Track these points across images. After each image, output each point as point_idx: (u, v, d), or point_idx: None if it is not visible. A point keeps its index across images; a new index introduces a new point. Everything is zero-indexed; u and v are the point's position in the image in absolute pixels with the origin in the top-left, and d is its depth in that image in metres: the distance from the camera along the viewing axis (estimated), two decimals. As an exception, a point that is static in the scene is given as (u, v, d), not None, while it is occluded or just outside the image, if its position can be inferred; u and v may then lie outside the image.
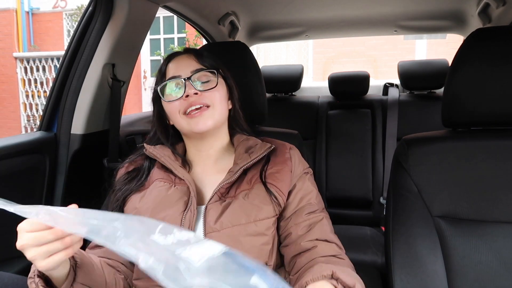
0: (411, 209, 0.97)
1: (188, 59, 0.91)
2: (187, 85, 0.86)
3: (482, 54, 0.96)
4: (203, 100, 0.86)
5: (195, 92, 0.85)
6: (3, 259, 1.15)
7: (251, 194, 0.83)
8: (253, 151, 0.89)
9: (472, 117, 0.99)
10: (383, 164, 2.21)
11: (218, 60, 0.95)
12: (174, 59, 0.92)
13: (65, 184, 1.30)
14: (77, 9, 8.18)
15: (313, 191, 0.91)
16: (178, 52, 0.95)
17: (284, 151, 0.92)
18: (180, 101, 0.86)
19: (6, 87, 8.47)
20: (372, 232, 1.99)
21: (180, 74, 0.88)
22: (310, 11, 1.92)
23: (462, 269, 0.90)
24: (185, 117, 0.86)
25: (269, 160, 0.90)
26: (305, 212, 0.86)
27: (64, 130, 1.31)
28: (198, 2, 1.66)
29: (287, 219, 0.87)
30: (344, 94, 2.42)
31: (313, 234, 0.84)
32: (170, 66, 0.91)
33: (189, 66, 0.89)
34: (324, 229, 0.85)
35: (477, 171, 0.95)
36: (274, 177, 0.86)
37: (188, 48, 0.97)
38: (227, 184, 0.84)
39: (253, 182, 0.86)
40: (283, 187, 0.86)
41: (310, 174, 0.95)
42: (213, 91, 0.87)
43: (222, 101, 0.90)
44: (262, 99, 1.21)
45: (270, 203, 0.83)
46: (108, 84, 1.37)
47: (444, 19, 2.05)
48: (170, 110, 0.89)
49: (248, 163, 0.86)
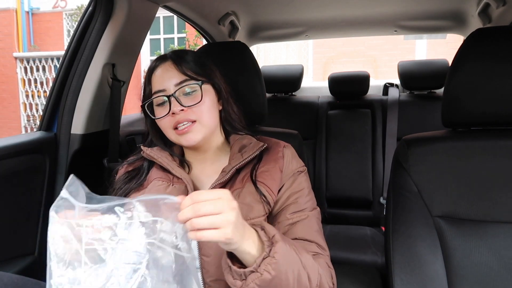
0: (411, 209, 0.96)
1: (170, 68, 0.89)
2: (172, 101, 0.86)
3: (482, 54, 0.96)
4: (189, 116, 0.86)
5: (181, 109, 0.85)
6: (3, 259, 1.15)
7: (242, 193, 0.84)
8: (246, 150, 0.89)
9: (472, 117, 0.99)
10: (383, 164, 2.21)
11: (204, 60, 0.93)
12: (158, 69, 0.91)
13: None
14: (77, 9, 8.18)
15: (302, 190, 0.90)
16: (160, 58, 0.92)
17: (277, 150, 0.92)
18: (168, 117, 0.86)
19: (6, 87, 8.46)
20: (372, 232, 1.99)
21: (164, 88, 0.87)
22: (310, 11, 1.92)
23: (462, 269, 0.90)
24: (174, 132, 0.87)
25: (261, 159, 0.90)
26: (289, 212, 0.86)
27: (64, 130, 1.31)
28: (198, 2, 1.66)
29: (274, 217, 0.87)
30: (344, 94, 2.42)
31: (293, 234, 0.84)
32: (154, 77, 0.90)
33: (172, 78, 0.88)
34: (306, 229, 0.85)
35: (477, 171, 0.95)
36: (264, 176, 0.87)
37: (171, 53, 0.94)
38: (220, 184, 0.84)
39: (244, 181, 0.86)
40: (273, 186, 0.86)
41: (304, 173, 0.94)
42: (199, 105, 0.86)
43: (209, 111, 0.89)
44: (262, 99, 1.21)
45: (260, 202, 0.83)
46: (108, 84, 1.37)
47: (444, 19, 2.05)
48: (160, 125, 0.90)
49: (240, 163, 0.86)
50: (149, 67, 0.93)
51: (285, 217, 0.85)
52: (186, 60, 0.90)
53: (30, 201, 1.23)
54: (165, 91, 0.87)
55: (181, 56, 0.91)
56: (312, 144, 2.33)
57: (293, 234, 0.84)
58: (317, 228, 0.87)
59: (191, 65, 0.89)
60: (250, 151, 0.89)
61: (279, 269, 0.66)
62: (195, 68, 0.90)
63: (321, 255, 0.83)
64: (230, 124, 0.96)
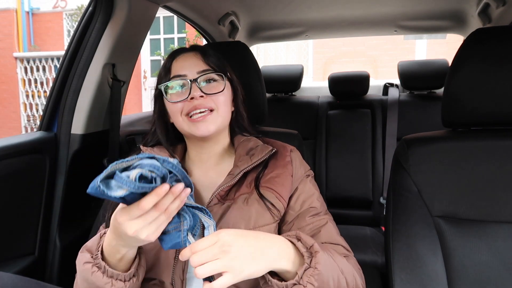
0: (411, 209, 0.96)
1: (194, 57, 0.88)
2: (192, 86, 0.83)
3: (482, 54, 0.96)
4: (208, 104, 0.84)
5: (201, 95, 0.83)
6: (3, 259, 1.15)
7: (251, 199, 0.82)
8: (254, 153, 0.88)
9: (472, 117, 0.99)
10: (383, 164, 2.21)
11: (224, 60, 0.92)
12: (180, 57, 0.89)
13: (65, 184, 1.30)
14: (77, 9, 8.18)
15: (314, 194, 0.89)
16: (184, 49, 0.92)
17: (285, 154, 0.91)
18: (185, 102, 0.84)
19: (6, 87, 8.47)
20: (372, 232, 1.99)
21: (186, 74, 0.85)
22: (310, 11, 1.92)
23: (462, 269, 0.90)
24: (186, 119, 0.85)
25: (266, 165, 0.88)
26: (308, 215, 0.85)
27: (64, 130, 1.31)
28: (198, 2, 1.66)
29: (289, 223, 0.85)
30: (344, 94, 2.42)
31: (319, 238, 0.83)
32: (175, 63, 0.88)
33: (196, 66, 0.86)
34: (329, 233, 0.84)
35: (477, 171, 0.95)
36: (273, 182, 0.85)
37: (195, 45, 0.93)
38: (227, 187, 0.83)
39: (252, 186, 0.84)
40: (283, 192, 0.85)
41: (311, 176, 0.93)
42: (219, 95, 0.85)
43: (226, 105, 0.88)
44: (262, 99, 1.21)
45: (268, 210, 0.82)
46: (108, 84, 1.37)
47: (444, 19, 2.05)
48: (172, 110, 0.87)
49: (248, 167, 0.84)
50: (170, 54, 0.92)
51: (306, 222, 0.84)
52: (210, 54, 0.90)
53: (30, 201, 1.23)
54: (186, 76, 0.85)
55: (205, 49, 0.91)
56: (312, 144, 2.33)
57: (319, 239, 0.83)
58: (337, 231, 0.87)
59: (214, 59, 0.89)
60: (259, 154, 0.87)
61: (322, 279, 0.66)
62: (218, 63, 0.89)
63: (350, 256, 0.83)
64: (240, 126, 0.95)
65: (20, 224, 1.21)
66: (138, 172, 0.54)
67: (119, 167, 0.55)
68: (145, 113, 2.03)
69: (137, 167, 0.56)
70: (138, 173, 0.54)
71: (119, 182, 0.53)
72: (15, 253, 1.20)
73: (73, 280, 0.86)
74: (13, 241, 1.19)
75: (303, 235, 0.70)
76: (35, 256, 1.25)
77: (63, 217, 1.30)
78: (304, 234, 0.71)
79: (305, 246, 0.69)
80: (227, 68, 0.91)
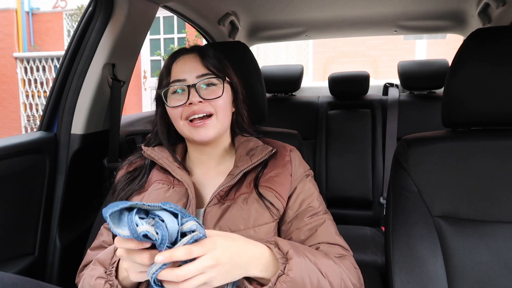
0: (411, 209, 0.96)
1: (194, 60, 0.88)
2: (191, 91, 0.84)
3: (482, 54, 0.96)
4: (206, 109, 0.84)
5: (199, 101, 0.83)
6: (3, 259, 1.15)
7: (250, 199, 0.82)
8: (254, 153, 0.88)
9: (472, 117, 0.99)
10: (383, 164, 2.21)
11: (224, 61, 0.92)
12: (180, 59, 0.89)
13: (65, 184, 1.30)
14: (77, 9, 8.18)
15: (314, 194, 0.90)
16: (184, 50, 0.91)
17: (284, 154, 0.91)
18: (183, 107, 0.84)
19: (6, 87, 8.47)
20: (372, 232, 1.99)
21: (185, 78, 0.86)
22: (310, 11, 1.92)
23: (462, 269, 0.90)
24: (187, 123, 0.85)
25: (266, 165, 0.88)
26: (306, 216, 0.85)
27: (64, 130, 1.31)
28: (198, 2, 1.66)
29: (288, 223, 0.86)
30: (344, 94, 2.42)
31: (316, 238, 0.83)
32: (176, 66, 0.89)
33: (195, 70, 0.86)
34: (327, 232, 0.84)
35: (477, 171, 0.95)
36: (273, 181, 0.85)
37: (195, 46, 0.93)
38: (227, 187, 0.83)
39: (252, 186, 0.84)
40: (282, 191, 0.85)
41: (311, 176, 0.94)
42: (218, 99, 0.85)
43: (225, 109, 0.88)
44: (262, 99, 1.21)
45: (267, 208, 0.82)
46: (108, 84, 1.37)
47: (444, 19, 2.05)
48: (172, 114, 0.87)
49: (248, 167, 0.85)
50: (170, 56, 0.92)
51: (304, 222, 0.84)
52: (210, 56, 0.89)
53: (30, 201, 1.23)
54: (185, 81, 0.85)
55: (205, 51, 0.90)
56: (312, 144, 2.33)
57: (316, 239, 0.83)
58: (335, 230, 0.87)
59: (214, 61, 0.89)
60: (259, 154, 0.87)
61: (295, 285, 0.66)
62: (217, 65, 0.89)
63: (346, 257, 0.83)
64: (241, 127, 0.95)
65: (20, 224, 1.20)
66: (146, 230, 0.56)
67: (139, 206, 0.57)
68: (145, 113, 2.03)
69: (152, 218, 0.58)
70: (147, 231, 0.56)
71: (128, 223, 0.55)
72: (15, 253, 1.20)
73: (73, 280, 0.86)
74: (13, 241, 1.19)
75: (280, 241, 0.71)
76: (35, 256, 1.25)
77: (63, 217, 1.30)
78: (283, 240, 0.72)
79: (281, 252, 0.69)
80: (227, 70, 0.91)
